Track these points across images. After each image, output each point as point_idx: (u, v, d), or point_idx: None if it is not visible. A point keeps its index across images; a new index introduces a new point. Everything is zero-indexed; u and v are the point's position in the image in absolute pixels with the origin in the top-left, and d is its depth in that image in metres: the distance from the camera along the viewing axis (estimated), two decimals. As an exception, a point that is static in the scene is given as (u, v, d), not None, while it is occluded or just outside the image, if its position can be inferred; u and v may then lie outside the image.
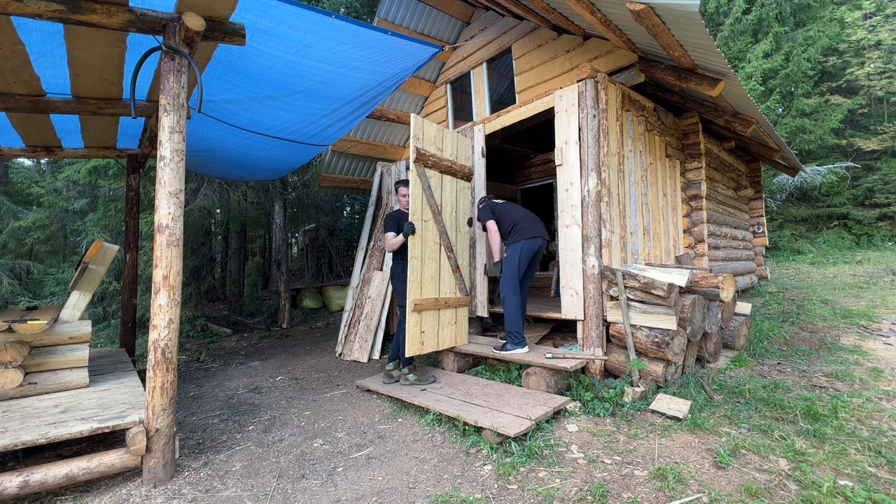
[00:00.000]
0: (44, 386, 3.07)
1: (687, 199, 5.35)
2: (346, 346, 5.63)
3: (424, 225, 3.87)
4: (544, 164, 7.94)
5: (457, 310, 4.30)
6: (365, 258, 6.24)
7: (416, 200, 3.78)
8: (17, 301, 9.23)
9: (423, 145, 3.91)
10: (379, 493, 2.34)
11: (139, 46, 2.84)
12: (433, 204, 3.98)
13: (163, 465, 2.49)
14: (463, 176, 4.48)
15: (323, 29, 3.11)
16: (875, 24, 14.14)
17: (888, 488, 2.10)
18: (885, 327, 5.06)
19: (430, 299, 3.89)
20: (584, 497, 2.17)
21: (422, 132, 3.93)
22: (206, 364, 5.74)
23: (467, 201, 4.58)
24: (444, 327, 4.11)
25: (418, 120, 3.87)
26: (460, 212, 4.43)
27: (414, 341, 3.74)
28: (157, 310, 2.47)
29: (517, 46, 5.31)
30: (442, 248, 4.10)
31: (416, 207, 3.79)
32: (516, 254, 3.93)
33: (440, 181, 4.13)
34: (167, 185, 2.50)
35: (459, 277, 4.32)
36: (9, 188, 12.96)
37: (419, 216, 3.81)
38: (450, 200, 4.26)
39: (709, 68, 3.48)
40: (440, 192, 4.11)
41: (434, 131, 4.09)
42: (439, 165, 4.09)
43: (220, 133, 4.43)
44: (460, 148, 4.48)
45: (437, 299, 3.97)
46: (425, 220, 3.89)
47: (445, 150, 4.23)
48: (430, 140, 4.04)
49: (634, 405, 3.17)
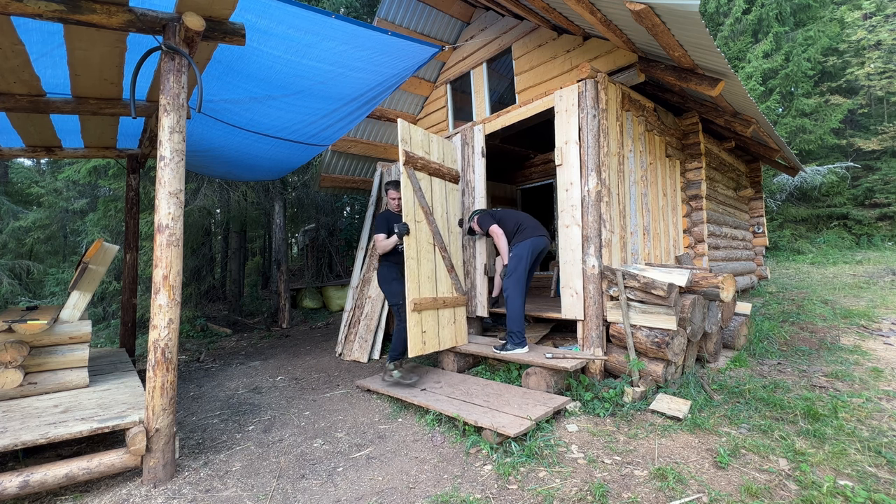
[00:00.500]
0: (44, 386, 3.07)
1: (687, 199, 5.35)
2: (346, 346, 5.63)
3: (418, 226, 3.91)
4: (544, 164, 7.94)
5: (455, 309, 4.31)
6: (365, 258, 6.24)
7: (408, 201, 3.81)
8: (17, 301, 9.23)
9: (411, 149, 3.96)
10: (379, 493, 2.34)
11: (139, 46, 2.84)
12: (425, 205, 4.01)
13: (163, 465, 2.49)
14: (451, 179, 4.53)
15: (323, 29, 3.11)
16: (875, 24, 14.14)
17: (888, 488, 2.10)
18: (885, 327, 5.06)
19: (428, 299, 3.90)
20: (584, 497, 2.17)
21: (409, 136, 3.98)
22: (206, 364, 5.74)
23: (457, 203, 4.63)
24: (444, 327, 4.12)
25: (405, 124, 3.93)
26: (451, 213, 4.47)
27: (416, 341, 3.74)
28: (157, 310, 2.47)
29: (517, 46, 5.31)
30: (436, 249, 4.12)
31: (409, 208, 3.81)
32: (525, 252, 3.94)
33: (430, 183, 4.18)
34: (167, 185, 2.50)
35: (455, 277, 4.33)
36: (9, 188, 12.96)
37: (412, 217, 3.83)
38: (440, 202, 4.30)
39: (709, 68, 3.48)
40: (430, 194, 4.15)
41: (420, 135, 4.15)
42: (428, 168, 4.14)
43: (220, 133, 4.43)
44: (446, 151, 4.55)
45: (435, 299, 3.98)
46: (418, 220, 3.92)
47: (433, 154, 4.29)
48: (418, 144, 4.10)
49: (634, 405, 3.17)
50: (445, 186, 4.44)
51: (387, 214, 4.02)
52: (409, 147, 3.95)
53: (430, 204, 4.13)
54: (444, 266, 4.22)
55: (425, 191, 4.07)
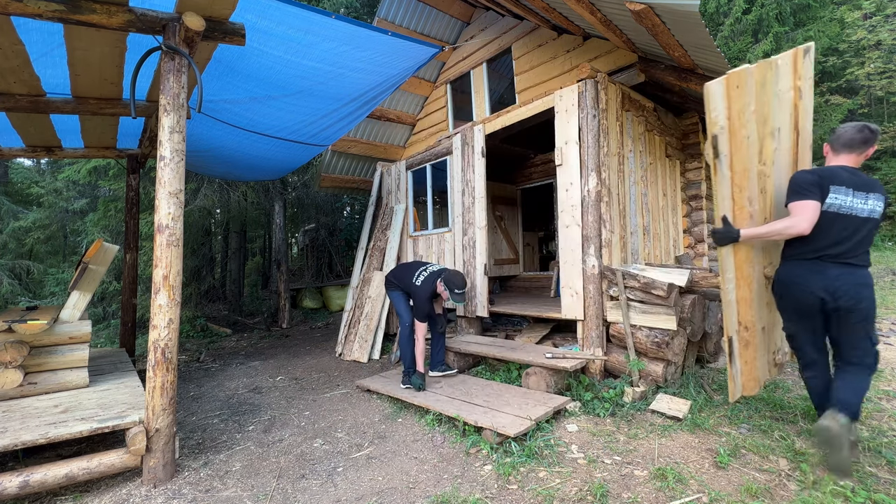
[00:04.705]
0: (44, 386, 3.07)
1: (687, 199, 5.35)
2: (346, 346, 5.63)
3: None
4: (544, 164, 7.93)
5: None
6: (365, 258, 6.23)
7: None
8: (17, 301, 9.22)
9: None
10: (379, 493, 2.34)
11: (139, 46, 2.84)
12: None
13: (163, 465, 2.49)
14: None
15: (323, 29, 3.11)
16: (875, 24, 14.14)
17: (888, 488, 2.10)
18: (885, 327, 5.06)
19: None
20: (584, 497, 2.17)
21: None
22: (206, 364, 5.74)
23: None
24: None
25: None
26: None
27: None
28: (157, 310, 2.47)
29: (517, 46, 5.31)
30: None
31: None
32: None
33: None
34: (167, 185, 2.50)
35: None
36: (9, 188, 12.96)
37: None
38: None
39: (709, 68, 3.48)
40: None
41: None
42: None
43: (220, 133, 4.43)
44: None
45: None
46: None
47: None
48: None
49: (634, 405, 3.17)
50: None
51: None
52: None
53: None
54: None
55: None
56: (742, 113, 2.47)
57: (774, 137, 2.62)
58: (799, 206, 2.33)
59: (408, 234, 6.10)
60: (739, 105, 2.45)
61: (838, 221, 2.29)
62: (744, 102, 2.46)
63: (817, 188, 2.32)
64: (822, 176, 2.34)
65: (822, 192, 2.31)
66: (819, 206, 2.30)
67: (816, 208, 2.29)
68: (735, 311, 2.55)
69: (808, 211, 2.29)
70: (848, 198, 2.29)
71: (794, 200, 2.36)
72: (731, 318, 2.54)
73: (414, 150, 6.75)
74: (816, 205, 2.30)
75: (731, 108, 2.44)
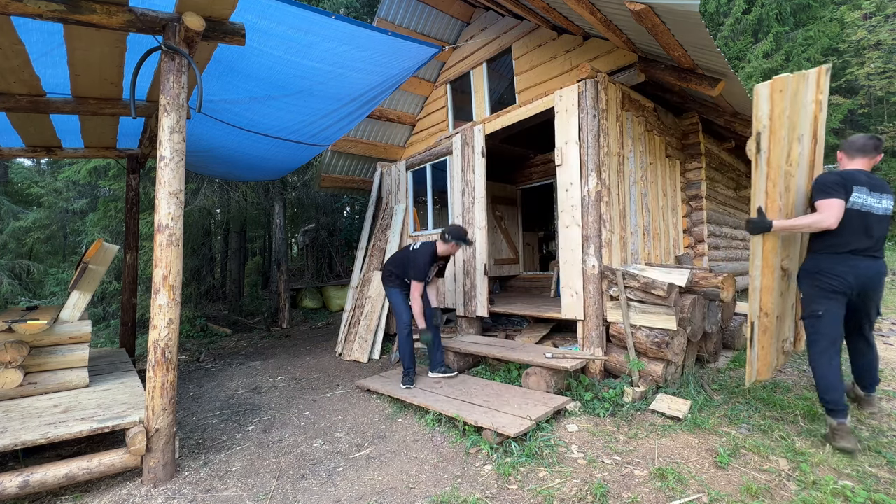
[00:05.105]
0: (44, 386, 3.07)
1: (687, 199, 5.35)
2: (346, 346, 5.63)
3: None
4: (544, 164, 7.93)
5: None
6: (365, 258, 6.23)
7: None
8: (17, 301, 9.23)
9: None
10: (379, 493, 2.34)
11: (139, 46, 2.84)
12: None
13: (163, 465, 2.49)
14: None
15: (323, 29, 3.11)
16: (875, 24, 14.15)
17: (888, 488, 2.10)
18: (885, 327, 5.06)
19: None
20: (584, 497, 2.17)
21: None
22: (206, 364, 5.74)
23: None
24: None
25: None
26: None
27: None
28: (157, 310, 2.47)
29: (517, 46, 5.31)
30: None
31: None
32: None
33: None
34: (167, 185, 2.50)
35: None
36: (9, 188, 12.96)
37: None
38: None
39: (709, 68, 3.48)
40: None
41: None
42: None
43: (220, 133, 4.43)
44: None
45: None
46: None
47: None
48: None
49: (634, 405, 3.17)
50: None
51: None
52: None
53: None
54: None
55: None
56: (781, 115, 2.69)
57: (800, 142, 2.83)
58: (826, 203, 2.55)
59: (408, 234, 6.10)
60: (780, 108, 2.68)
61: (861, 218, 2.54)
62: (782, 107, 2.69)
63: (842, 188, 2.55)
64: (845, 177, 2.58)
65: (846, 191, 2.55)
66: (843, 204, 2.52)
67: (842, 206, 2.52)
68: (759, 297, 2.75)
69: (834, 208, 2.51)
70: (868, 197, 2.55)
71: (822, 199, 2.58)
72: (755, 304, 2.76)
73: (414, 150, 6.75)
74: (842, 203, 2.52)
75: (774, 110, 2.66)
